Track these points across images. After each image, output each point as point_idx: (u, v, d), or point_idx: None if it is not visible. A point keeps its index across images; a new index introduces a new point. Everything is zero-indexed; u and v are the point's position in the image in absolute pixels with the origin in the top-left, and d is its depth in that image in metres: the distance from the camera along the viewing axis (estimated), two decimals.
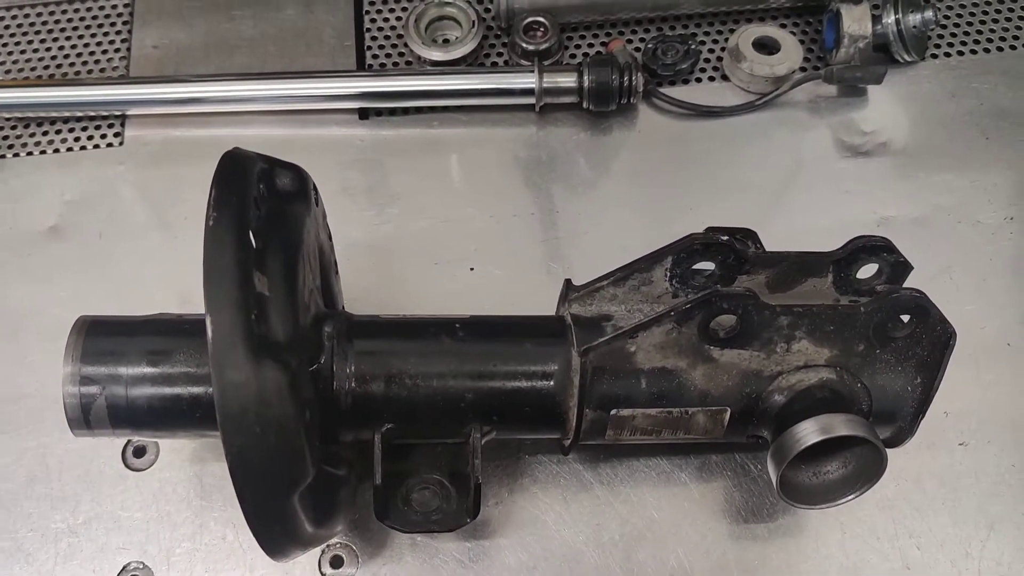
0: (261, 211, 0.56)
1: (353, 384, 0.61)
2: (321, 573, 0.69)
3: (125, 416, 0.61)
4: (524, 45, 0.86)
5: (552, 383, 0.63)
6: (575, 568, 0.68)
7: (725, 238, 0.65)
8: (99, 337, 0.62)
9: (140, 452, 0.74)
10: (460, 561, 0.69)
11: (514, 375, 0.63)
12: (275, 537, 0.56)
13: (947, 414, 0.73)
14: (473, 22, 0.88)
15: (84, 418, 0.61)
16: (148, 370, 0.60)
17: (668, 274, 0.66)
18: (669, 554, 0.69)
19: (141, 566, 0.69)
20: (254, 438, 0.52)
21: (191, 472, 0.73)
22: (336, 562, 0.69)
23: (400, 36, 0.92)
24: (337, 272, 0.71)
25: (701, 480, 0.72)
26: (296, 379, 0.53)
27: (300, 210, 0.60)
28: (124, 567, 0.69)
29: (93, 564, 0.69)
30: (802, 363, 0.63)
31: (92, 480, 0.72)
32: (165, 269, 0.81)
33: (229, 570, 0.69)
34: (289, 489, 0.54)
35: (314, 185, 0.64)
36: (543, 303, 0.75)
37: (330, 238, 0.69)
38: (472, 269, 0.80)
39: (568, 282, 0.67)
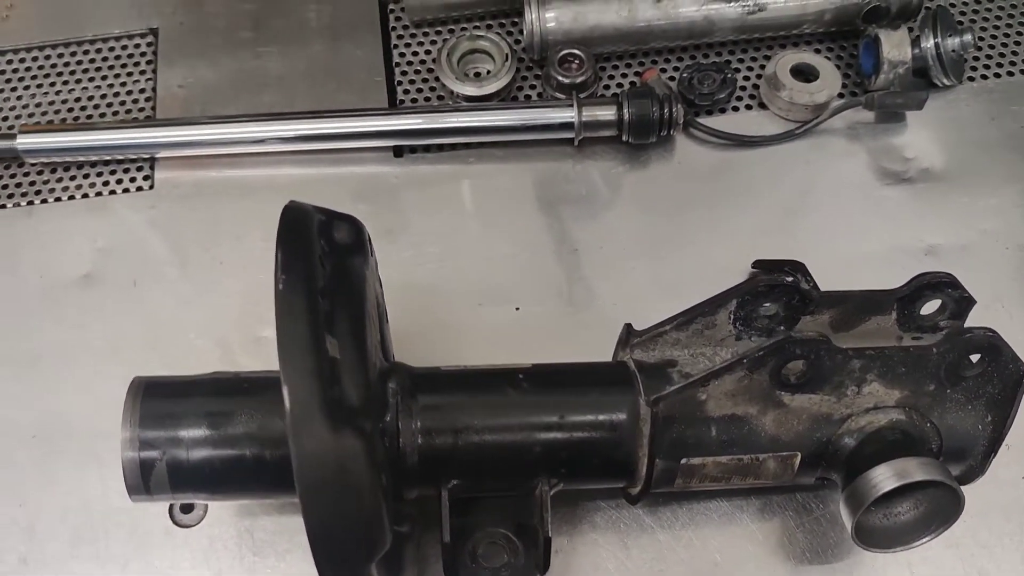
0: (326, 269, 0.54)
1: (419, 440, 0.60)
2: None
3: (186, 480, 0.59)
4: (559, 78, 0.85)
5: (621, 433, 0.62)
6: None
7: (790, 279, 0.64)
8: (156, 399, 0.60)
9: (188, 508, 0.72)
10: None
11: (582, 426, 0.62)
12: None
13: (1009, 447, 0.72)
14: (506, 55, 0.86)
15: (144, 484, 0.59)
16: (209, 432, 0.59)
17: (732, 317, 0.65)
18: None
19: None
20: (334, 508, 0.50)
21: (241, 527, 0.71)
22: None
23: (431, 70, 0.90)
24: (387, 319, 0.70)
25: (763, 520, 0.71)
26: (371, 444, 0.52)
27: (359, 263, 0.59)
28: None
29: None
30: (872, 405, 0.62)
31: (140, 538, 0.70)
32: (202, 314, 0.79)
33: None
34: (369, 557, 0.52)
35: (368, 235, 0.63)
36: (592, 341, 0.74)
37: (381, 285, 0.68)
38: (517, 309, 0.79)
39: (629, 327, 0.66)
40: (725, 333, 0.66)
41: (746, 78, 0.90)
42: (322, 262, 0.54)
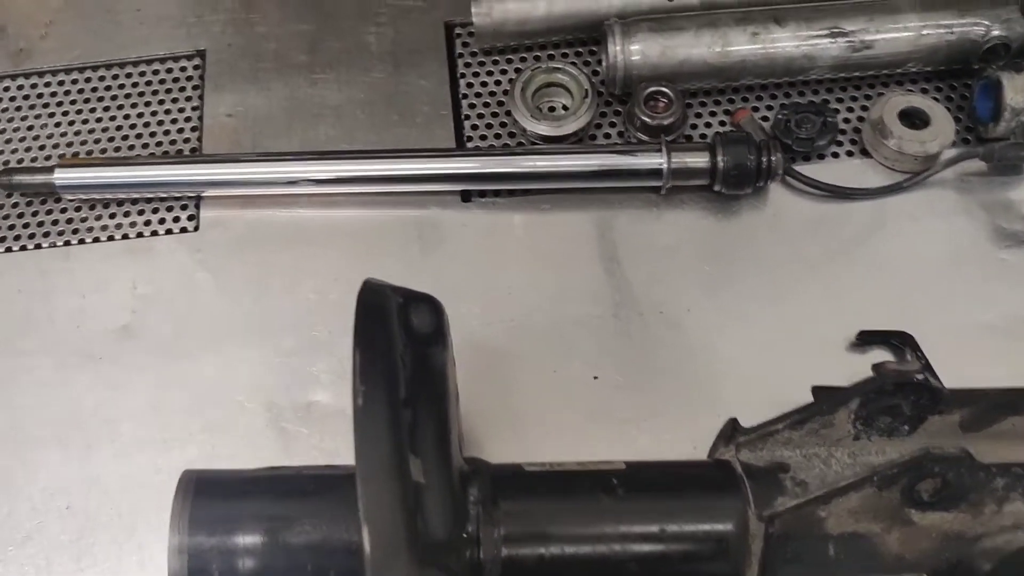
0: (407, 368, 0.48)
1: (502, 552, 0.53)
2: None
3: None
4: (644, 118, 0.77)
5: (728, 548, 0.54)
6: None
7: (920, 377, 0.57)
8: (208, 500, 0.53)
9: None
10: None
11: (683, 538, 0.55)
12: None
13: None
14: (586, 91, 0.79)
15: None
16: (267, 540, 0.52)
17: (852, 416, 0.58)
18: None
19: None
20: None
21: None
22: None
23: (501, 103, 0.83)
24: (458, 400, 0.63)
25: None
26: None
27: (440, 354, 0.52)
28: None
29: None
30: (1011, 523, 0.55)
31: None
32: (250, 374, 0.72)
33: None
34: None
35: (446, 317, 0.56)
36: (681, 421, 0.69)
37: (455, 364, 0.61)
38: (596, 378, 0.72)
39: (734, 423, 0.59)
40: (843, 433, 0.58)
41: (846, 120, 0.82)
42: (402, 359, 0.48)
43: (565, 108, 0.82)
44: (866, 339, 0.72)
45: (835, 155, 0.81)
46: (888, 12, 0.78)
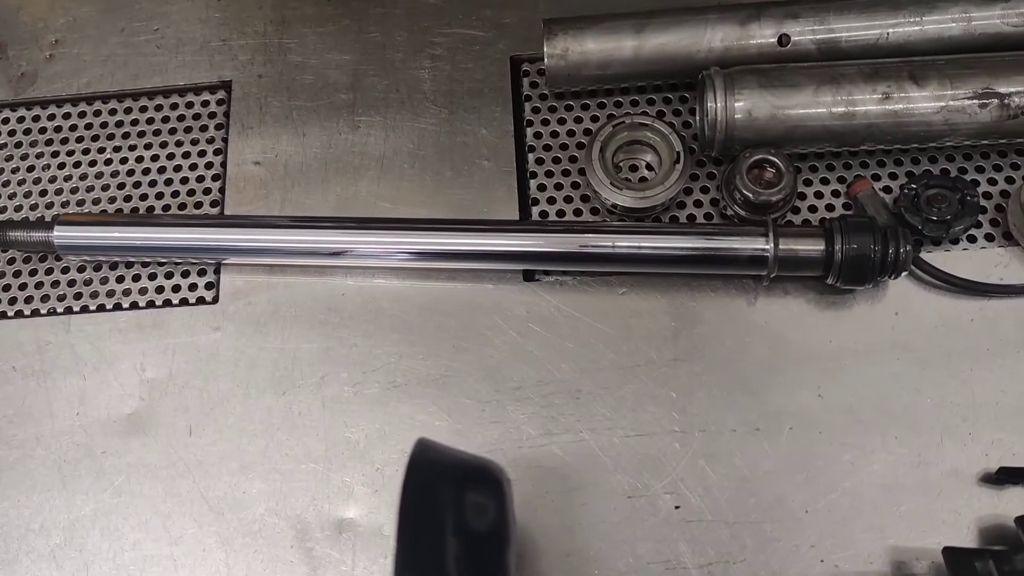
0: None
1: None
2: None
3: None
4: (746, 192, 0.65)
5: None
6: None
7: None
8: None
9: None
10: None
11: None
12: None
13: None
14: (677, 154, 0.66)
15: None
16: None
17: None
18: None
19: None
20: None
21: None
22: None
23: (574, 159, 0.70)
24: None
25: None
26: None
27: (502, 555, 0.41)
28: None
29: None
30: None
31: None
32: (273, 483, 0.62)
33: None
34: None
35: (510, 484, 0.45)
36: (774, 570, 0.58)
37: (516, 524, 0.50)
38: (677, 508, 0.61)
39: None
40: None
41: (987, 195, 0.69)
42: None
43: (650, 168, 0.69)
44: (1007, 477, 0.60)
45: (972, 240, 0.67)
46: None
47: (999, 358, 0.64)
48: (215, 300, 0.68)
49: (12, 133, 0.74)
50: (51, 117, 0.75)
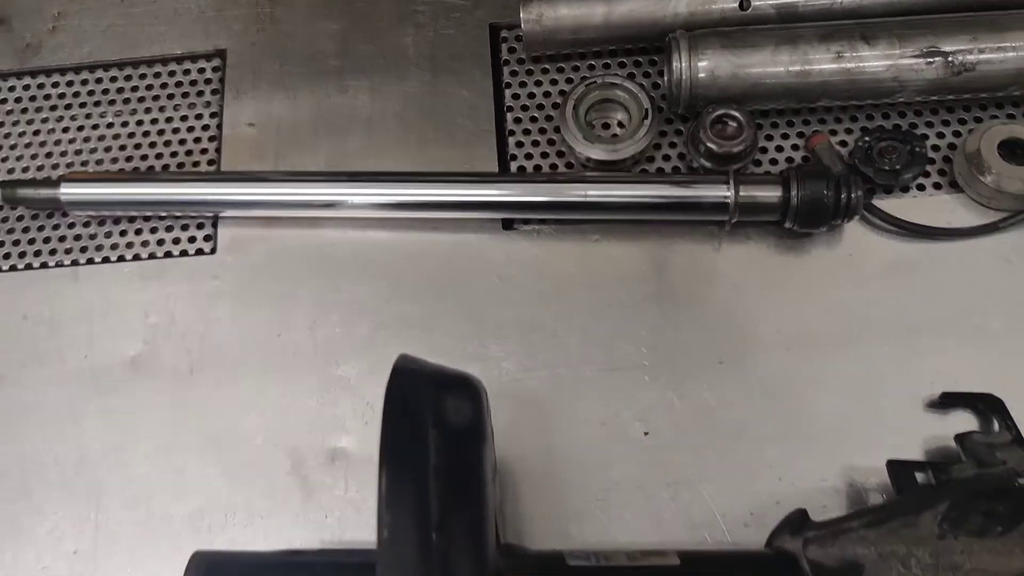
0: (441, 483, 0.41)
1: None
2: None
3: None
4: (710, 145, 0.69)
5: None
6: None
7: (1020, 482, 0.50)
8: None
9: None
10: None
11: None
12: None
13: None
14: (646, 111, 0.71)
15: None
16: None
17: (939, 517, 0.51)
18: None
19: None
20: None
21: None
22: None
23: (550, 118, 0.75)
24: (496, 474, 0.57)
25: None
26: None
27: (478, 451, 0.46)
28: None
29: None
30: None
31: None
32: (268, 416, 0.67)
33: None
34: None
35: (487, 398, 0.50)
36: (736, 487, 0.63)
37: (493, 447, 0.54)
38: (646, 434, 0.65)
39: (803, 515, 0.53)
40: (926, 532, 0.51)
41: (935, 148, 0.73)
42: (436, 473, 0.41)
43: (621, 126, 0.74)
44: (949, 401, 0.64)
45: (921, 188, 0.72)
46: (994, 30, 0.69)
47: (944, 295, 0.69)
48: (213, 251, 0.72)
49: (19, 100, 0.79)
50: (55, 85, 0.79)
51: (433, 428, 0.43)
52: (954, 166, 0.72)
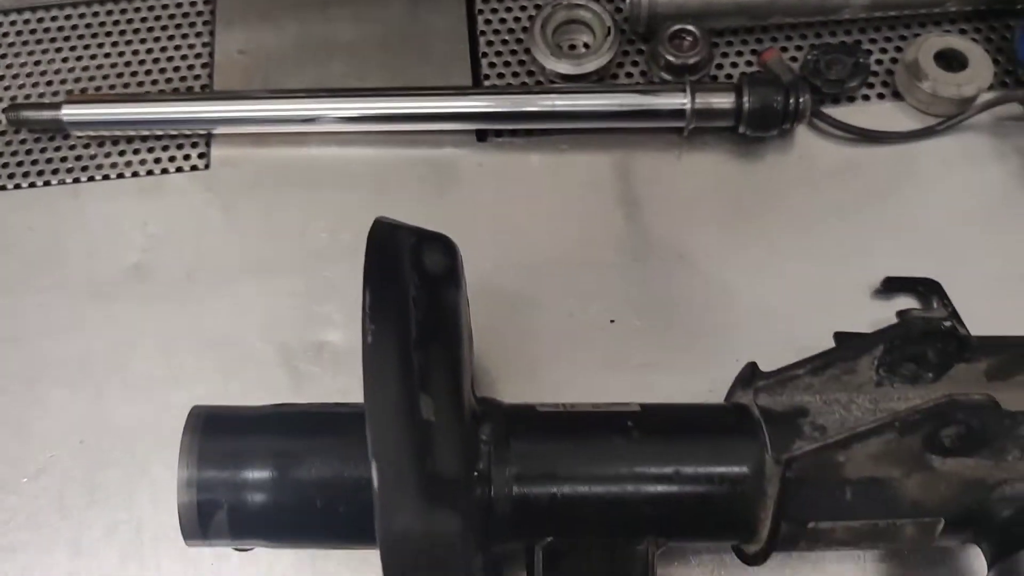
0: (419, 308, 0.46)
1: (513, 491, 0.52)
2: None
3: (248, 527, 0.53)
4: (669, 58, 0.75)
5: (743, 491, 0.53)
6: None
7: (948, 324, 0.55)
8: (218, 435, 0.53)
9: None
10: None
11: (699, 480, 0.53)
12: None
13: None
14: (608, 29, 0.76)
15: (201, 529, 0.52)
16: (276, 476, 0.52)
17: (875, 362, 0.56)
18: None
19: None
20: None
21: (301, 552, 0.65)
22: None
23: (520, 40, 0.80)
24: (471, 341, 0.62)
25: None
26: (469, 521, 0.45)
27: (453, 294, 0.51)
28: None
29: None
30: None
31: (191, 559, 0.64)
32: (261, 315, 0.72)
33: None
34: None
35: (461, 257, 0.55)
36: (696, 365, 0.68)
37: (469, 305, 0.59)
38: (612, 322, 0.70)
39: (753, 366, 0.58)
40: (865, 379, 0.57)
41: (879, 62, 0.79)
42: (414, 300, 0.46)
43: (587, 46, 0.79)
44: (892, 286, 0.70)
45: (866, 98, 0.78)
46: None
47: (887, 193, 0.74)
48: (207, 167, 0.77)
49: (20, 33, 0.83)
50: (54, 19, 0.84)
51: (412, 268, 0.48)
52: (895, 76, 0.78)
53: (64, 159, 0.78)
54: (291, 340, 0.71)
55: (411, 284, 0.47)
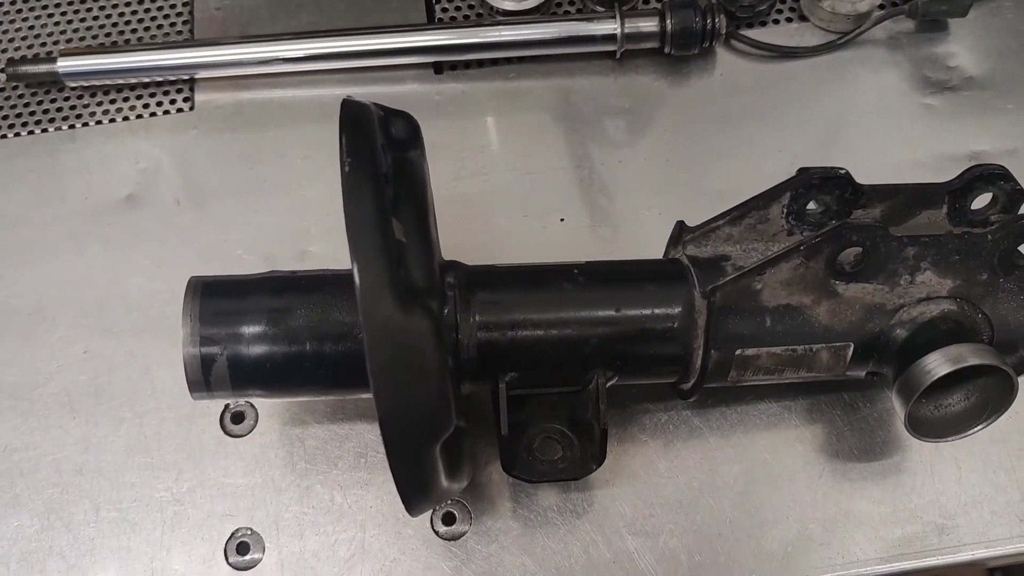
0: (388, 156, 0.55)
1: (477, 335, 0.60)
2: (434, 531, 0.68)
3: (247, 376, 0.60)
4: None
5: (676, 325, 0.62)
6: (690, 513, 0.68)
7: (843, 171, 0.64)
8: (215, 298, 0.60)
9: (238, 418, 0.73)
10: (575, 512, 0.68)
11: (638, 319, 0.62)
12: (417, 489, 0.55)
13: None
14: None
15: (205, 380, 0.60)
16: (269, 328, 0.59)
17: (784, 211, 0.65)
18: (784, 494, 0.69)
19: (249, 531, 0.68)
20: (404, 385, 0.50)
21: (292, 435, 0.72)
22: (448, 519, 0.69)
23: None
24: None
25: (811, 421, 0.71)
26: (438, 324, 0.52)
27: (417, 157, 0.59)
28: (232, 533, 0.68)
29: (201, 531, 0.68)
30: (924, 295, 0.62)
31: (192, 448, 0.71)
32: (246, 232, 0.79)
33: (340, 532, 0.68)
34: (435, 437, 0.53)
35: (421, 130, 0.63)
36: (639, 249, 0.74)
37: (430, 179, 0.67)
38: (562, 220, 0.79)
39: (681, 224, 0.66)
40: (777, 228, 0.66)
41: None
42: (384, 149, 0.54)
43: None
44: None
45: (776, 21, 0.88)
46: None
47: (799, 100, 0.85)
48: (192, 108, 0.85)
49: (13, 2, 0.91)
50: None
51: (380, 130, 0.55)
52: (800, 1, 0.88)
53: (60, 109, 0.86)
54: (275, 251, 0.79)
55: (379, 138, 0.55)
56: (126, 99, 0.86)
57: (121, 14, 0.90)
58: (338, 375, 0.60)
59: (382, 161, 0.53)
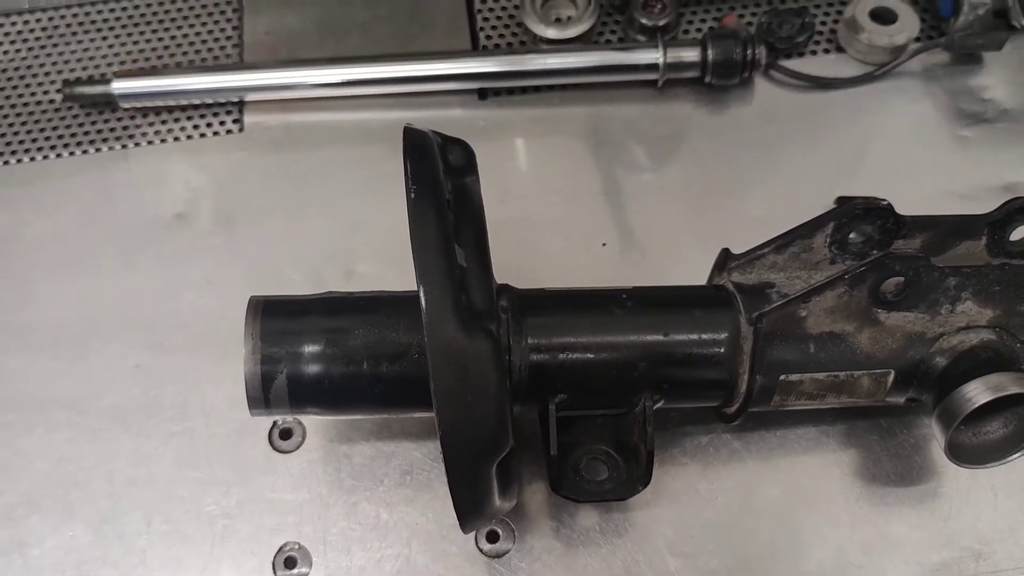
0: (448, 184, 0.56)
1: (528, 357, 0.62)
2: (478, 548, 0.69)
3: (305, 394, 0.62)
4: (643, 20, 0.86)
5: (723, 350, 0.63)
6: (730, 534, 0.69)
7: (885, 202, 0.65)
8: (275, 317, 0.62)
9: (287, 435, 0.74)
10: (617, 532, 0.69)
11: (686, 344, 0.63)
12: (473, 507, 0.57)
13: None
14: (589, 1, 0.88)
15: (264, 397, 0.61)
16: (328, 348, 0.61)
17: (828, 240, 0.66)
18: (822, 517, 0.70)
19: (297, 546, 0.69)
20: (466, 407, 0.52)
21: (339, 453, 0.73)
22: (492, 537, 0.70)
23: (512, 16, 0.92)
24: None
25: (849, 445, 0.72)
26: (499, 347, 0.54)
27: (473, 183, 0.61)
28: (280, 548, 0.69)
29: (250, 545, 0.70)
30: (964, 324, 0.64)
31: (240, 463, 0.73)
32: (294, 251, 0.81)
33: (386, 548, 0.69)
34: (493, 456, 0.54)
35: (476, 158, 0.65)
36: (680, 274, 0.74)
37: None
38: (604, 244, 0.81)
39: (726, 251, 0.68)
40: (820, 256, 0.67)
41: (823, 23, 0.92)
42: (444, 176, 0.56)
43: (570, 18, 0.91)
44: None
45: (813, 52, 0.90)
46: None
47: (836, 131, 0.86)
48: (241, 130, 0.88)
49: (69, 26, 0.94)
50: (100, 12, 0.94)
51: (439, 158, 0.57)
52: (837, 32, 0.90)
53: (113, 129, 0.88)
54: (322, 269, 0.80)
55: (440, 165, 0.56)
56: (177, 120, 0.88)
57: (173, 37, 0.93)
58: (393, 394, 0.62)
59: (444, 188, 0.55)
